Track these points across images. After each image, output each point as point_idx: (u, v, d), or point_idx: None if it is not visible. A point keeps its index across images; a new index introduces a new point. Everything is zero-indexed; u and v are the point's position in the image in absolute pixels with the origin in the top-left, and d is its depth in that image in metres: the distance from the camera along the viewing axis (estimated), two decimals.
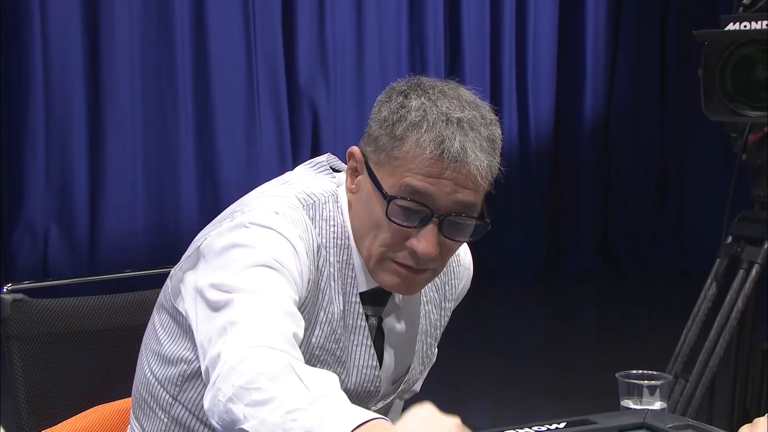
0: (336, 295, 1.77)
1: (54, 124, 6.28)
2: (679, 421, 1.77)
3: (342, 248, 1.78)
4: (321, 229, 1.77)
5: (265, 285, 1.63)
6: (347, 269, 1.79)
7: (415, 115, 1.69)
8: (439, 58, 7.54)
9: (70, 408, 2.05)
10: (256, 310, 1.59)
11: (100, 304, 2.13)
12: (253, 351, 1.51)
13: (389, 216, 1.70)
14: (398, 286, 1.78)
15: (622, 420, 1.78)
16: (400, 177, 1.69)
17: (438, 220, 1.71)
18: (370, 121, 1.77)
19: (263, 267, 1.65)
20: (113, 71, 6.38)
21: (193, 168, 6.63)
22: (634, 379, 1.86)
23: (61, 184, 6.37)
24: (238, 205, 1.80)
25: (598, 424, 1.77)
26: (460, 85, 1.77)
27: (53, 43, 6.21)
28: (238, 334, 1.55)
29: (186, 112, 6.63)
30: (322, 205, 1.78)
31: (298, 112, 7.04)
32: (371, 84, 7.27)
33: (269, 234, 1.70)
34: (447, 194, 1.69)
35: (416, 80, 1.76)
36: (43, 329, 2.06)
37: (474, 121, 1.71)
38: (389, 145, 1.70)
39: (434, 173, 1.68)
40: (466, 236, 1.76)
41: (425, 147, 1.67)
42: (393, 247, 1.73)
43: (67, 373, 2.06)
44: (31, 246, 6.33)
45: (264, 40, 6.87)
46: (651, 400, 1.84)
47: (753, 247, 2.65)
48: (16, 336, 2.03)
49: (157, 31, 6.52)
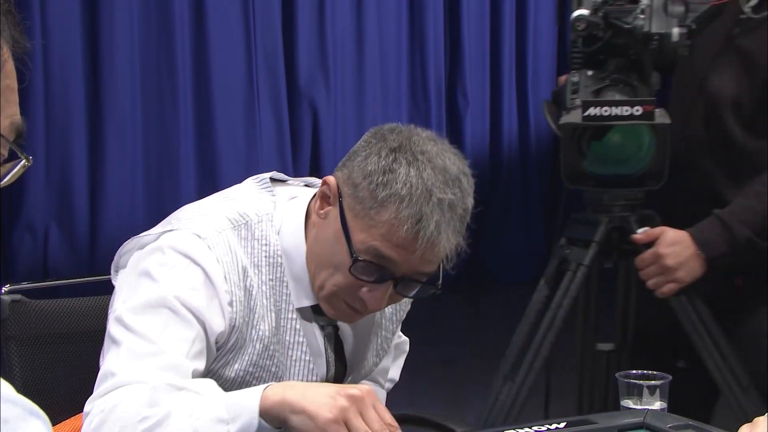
0: (268, 312, 1.83)
1: (54, 123, 6.27)
2: (679, 421, 1.77)
3: (275, 266, 1.84)
4: (252, 248, 1.83)
5: (158, 332, 1.72)
6: (281, 287, 1.85)
7: (401, 187, 1.73)
8: (439, 58, 7.54)
9: (68, 408, 2.04)
10: (136, 367, 1.68)
11: (99, 304, 2.12)
12: (122, 399, 1.62)
13: (352, 271, 1.77)
14: (339, 318, 1.88)
15: (622, 420, 1.78)
16: (371, 237, 1.75)
17: (394, 281, 1.78)
18: (353, 159, 1.80)
19: (162, 308, 1.73)
20: (113, 70, 6.38)
21: (193, 168, 6.63)
22: (634, 379, 1.86)
23: (61, 183, 6.36)
24: (175, 215, 1.88)
25: (598, 423, 1.77)
26: (446, 150, 1.79)
27: (53, 43, 6.20)
28: (110, 387, 1.66)
29: (186, 112, 6.63)
30: (254, 224, 1.84)
31: (298, 112, 7.04)
32: (371, 84, 7.27)
33: (181, 264, 1.77)
34: (410, 265, 1.76)
35: (407, 137, 1.78)
36: (41, 330, 2.06)
37: (454, 202, 1.75)
38: (368, 204, 1.75)
39: (406, 246, 1.74)
40: (414, 295, 1.85)
41: (403, 222, 1.72)
42: (345, 292, 1.80)
43: (66, 373, 2.06)
44: (31, 245, 6.32)
45: (264, 39, 6.87)
46: (651, 400, 1.84)
47: (580, 249, 2.68)
48: (15, 337, 2.03)
49: (157, 31, 6.52)
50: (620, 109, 2.39)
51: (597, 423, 1.77)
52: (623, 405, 1.85)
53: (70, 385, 2.05)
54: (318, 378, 1.89)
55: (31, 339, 2.04)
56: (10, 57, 1.14)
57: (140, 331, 1.72)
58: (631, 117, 2.39)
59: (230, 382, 1.82)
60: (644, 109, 2.38)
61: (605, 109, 2.39)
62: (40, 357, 2.05)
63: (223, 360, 1.81)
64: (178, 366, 1.70)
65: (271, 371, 1.85)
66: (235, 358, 1.81)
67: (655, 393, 1.84)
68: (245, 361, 1.82)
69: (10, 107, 1.15)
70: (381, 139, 1.79)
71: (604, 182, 2.55)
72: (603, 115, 2.39)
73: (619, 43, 2.52)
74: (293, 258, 1.84)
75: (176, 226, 1.83)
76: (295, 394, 1.54)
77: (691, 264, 2.57)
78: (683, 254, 2.57)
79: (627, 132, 2.46)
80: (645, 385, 1.84)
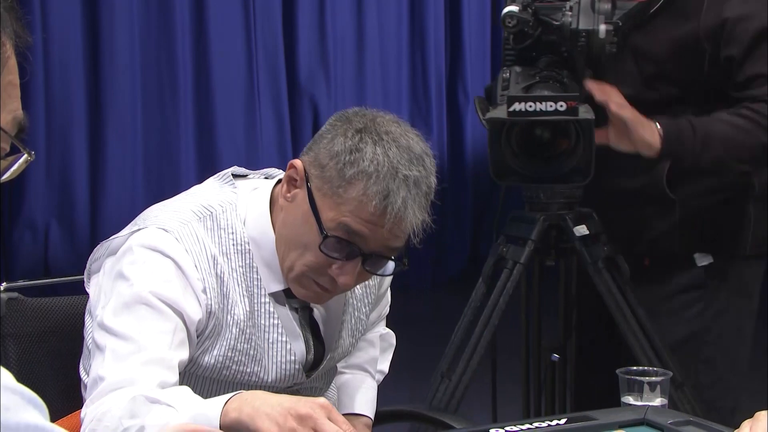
0: (241, 298, 1.88)
1: (54, 120, 6.26)
2: (680, 417, 1.76)
3: (243, 253, 1.89)
4: (219, 237, 1.88)
5: (137, 330, 1.78)
6: (251, 272, 1.90)
7: (368, 165, 1.79)
8: (439, 55, 7.53)
9: (66, 406, 2.04)
10: (121, 368, 1.74)
11: None
12: (110, 406, 1.69)
13: (322, 249, 1.82)
14: (310, 298, 1.93)
15: (623, 416, 1.78)
16: (340, 214, 1.81)
17: (363, 257, 1.84)
18: (319, 141, 1.86)
19: (139, 305, 1.79)
20: (113, 67, 6.37)
21: (194, 164, 6.62)
22: (635, 376, 1.85)
23: (62, 180, 6.36)
24: (141, 215, 1.94)
25: (599, 420, 1.76)
26: (408, 130, 1.87)
27: (53, 38, 6.19)
28: (100, 392, 1.73)
29: (186, 109, 6.62)
30: (219, 215, 1.90)
31: (298, 108, 7.03)
32: (372, 80, 7.27)
33: (151, 259, 1.82)
34: (379, 240, 1.82)
35: (372, 118, 1.86)
36: (38, 327, 2.06)
37: (419, 179, 1.82)
38: (336, 182, 1.81)
39: (374, 222, 1.80)
40: (383, 272, 1.91)
41: (372, 198, 1.78)
42: (315, 271, 1.86)
43: (63, 371, 2.05)
44: (32, 242, 6.32)
45: (265, 36, 6.86)
46: (651, 397, 1.83)
47: (517, 247, 2.70)
48: (12, 335, 2.03)
49: (157, 27, 6.51)
50: (545, 104, 2.39)
51: (597, 419, 1.77)
52: (624, 401, 1.84)
53: (67, 383, 2.04)
54: (296, 358, 1.94)
55: (29, 336, 2.04)
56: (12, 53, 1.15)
57: (121, 332, 1.78)
58: (555, 112, 2.39)
59: (210, 369, 1.87)
60: (568, 104, 2.39)
61: (530, 105, 2.39)
62: (38, 354, 2.05)
63: (202, 347, 1.86)
64: (162, 359, 1.76)
65: (249, 354, 1.90)
66: (213, 344, 1.87)
67: (656, 389, 1.84)
68: (223, 346, 1.87)
69: (12, 102, 1.16)
70: (346, 121, 1.85)
71: (531, 178, 2.54)
72: (528, 111, 2.40)
73: (550, 39, 2.56)
74: (261, 244, 1.90)
75: (142, 225, 1.89)
76: (250, 413, 1.57)
77: (648, 127, 2.53)
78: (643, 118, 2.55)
79: (554, 128, 2.46)
80: (645, 381, 1.84)
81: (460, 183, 7.54)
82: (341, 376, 2.17)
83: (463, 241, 7.61)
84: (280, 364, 1.93)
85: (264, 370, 1.92)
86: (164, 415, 1.62)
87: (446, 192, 7.25)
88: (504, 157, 2.47)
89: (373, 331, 2.19)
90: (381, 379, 2.23)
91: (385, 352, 2.25)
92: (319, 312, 2.00)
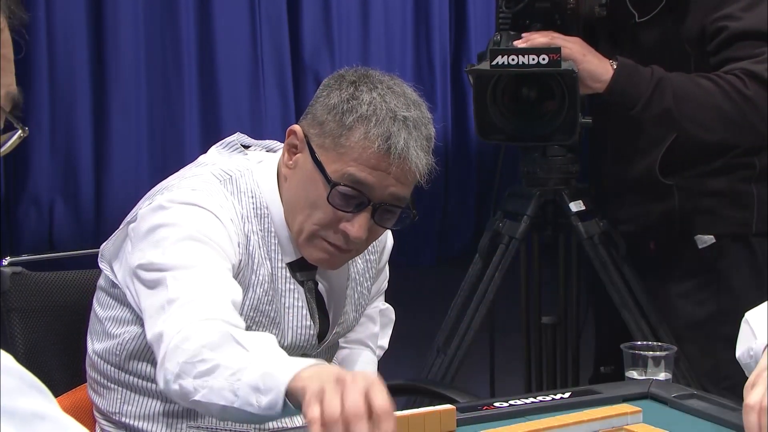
0: (264, 260, 1.88)
1: (58, 96, 6.26)
2: (684, 391, 1.76)
3: (262, 218, 1.89)
4: (240, 201, 1.88)
5: (195, 258, 1.75)
6: (269, 237, 1.89)
7: (366, 108, 1.80)
8: (444, 32, 7.50)
9: (69, 381, 2.05)
10: (191, 285, 1.71)
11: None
12: (193, 326, 1.63)
13: (330, 200, 1.81)
14: (323, 261, 1.90)
15: (627, 390, 1.78)
16: (345, 165, 1.81)
17: (372, 208, 1.83)
18: (315, 103, 1.87)
19: (190, 241, 1.76)
20: (117, 44, 6.36)
21: (198, 141, 6.61)
22: (639, 350, 1.85)
23: (66, 156, 6.36)
24: (159, 186, 1.91)
25: (603, 393, 1.76)
26: (403, 82, 1.89)
27: (57, 15, 6.18)
28: (176, 312, 1.68)
29: (191, 85, 6.61)
30: (238, 179, 1.89)
31: (302, 84, 7.01)
32: (377, 57, 7.24)
33: (190, 209, 1.80)
34: (386, 187, 1.82)
35: (365, 72, 1.88)
36: (43, 302, 2.06)
37: (418, 120, 1.83)
38: (336, 132, 1.81)
39: (379, 166, 1.80)
40: (393, 224, 1.89)
41: (374, 141, 1.79)
42: (326, 227, 1.84)
43: (68, 345, 2.05)
44: (37, 219, 6.33)
45: (269, 13, 6.83)
46: (656, 371, 1.83)
47: (513, 222, 2.70)
48: (17, 309, 2.03)
49: (161, 4, 6.50)
50: (527, 57, 2.38)
51: (601, 393, 1.77)
52: (628, 376, 1.84)
53: (71, 357, 2.05)
54: (309, 323, 1.93)
55: (33, 311, 2.04)
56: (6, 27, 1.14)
57: (178, 263, 1.73)
58: (537, 65, 2.38)
59: None
60: (551, 57, 2.38)
61: (512, 58, 2.38)
62: (42, 328, 2.04)
63: None
64: (228, 282, 1.75)
65: (270, 316, 1.89)
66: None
67: (660, 364, 1.84)
68: (246, 306, 1.85)
69: (7, 77, 1.14)
70: (339, 78, 1.87)
71: (515, 137, 2.53)
72: (510, 64, 2.38)
73: (543, 7, 2.56)
74: (273, 214, 1.89)
75: (169, 188, 1.86)
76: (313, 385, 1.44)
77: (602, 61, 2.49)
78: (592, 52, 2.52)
79: (539, 86, 2.45)
80: (650, 355, 1.84)
81: (465, 159, 7.53)
82: (342, 350, 2.17)
83: (468, 217, 7.60)
84: (296, 329, 1.92)
85: (281, 333, 1.90)
86: (240, 360, 1.56)
87: (450, 168, 7.24)
88: (489, 115, 2.45)
89: (373, 306, 2.18)
90: (381, 355, 2.23)
91: (385, 327, 2.24)
92: (323, 287, 1.99)
